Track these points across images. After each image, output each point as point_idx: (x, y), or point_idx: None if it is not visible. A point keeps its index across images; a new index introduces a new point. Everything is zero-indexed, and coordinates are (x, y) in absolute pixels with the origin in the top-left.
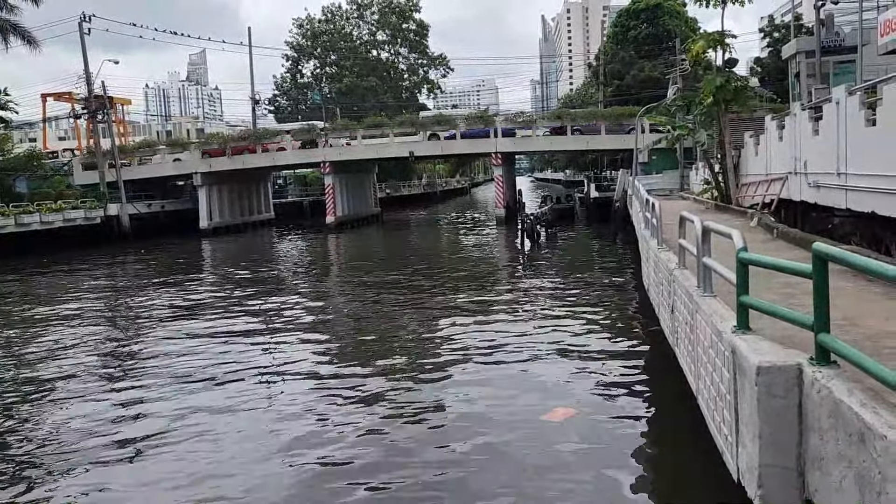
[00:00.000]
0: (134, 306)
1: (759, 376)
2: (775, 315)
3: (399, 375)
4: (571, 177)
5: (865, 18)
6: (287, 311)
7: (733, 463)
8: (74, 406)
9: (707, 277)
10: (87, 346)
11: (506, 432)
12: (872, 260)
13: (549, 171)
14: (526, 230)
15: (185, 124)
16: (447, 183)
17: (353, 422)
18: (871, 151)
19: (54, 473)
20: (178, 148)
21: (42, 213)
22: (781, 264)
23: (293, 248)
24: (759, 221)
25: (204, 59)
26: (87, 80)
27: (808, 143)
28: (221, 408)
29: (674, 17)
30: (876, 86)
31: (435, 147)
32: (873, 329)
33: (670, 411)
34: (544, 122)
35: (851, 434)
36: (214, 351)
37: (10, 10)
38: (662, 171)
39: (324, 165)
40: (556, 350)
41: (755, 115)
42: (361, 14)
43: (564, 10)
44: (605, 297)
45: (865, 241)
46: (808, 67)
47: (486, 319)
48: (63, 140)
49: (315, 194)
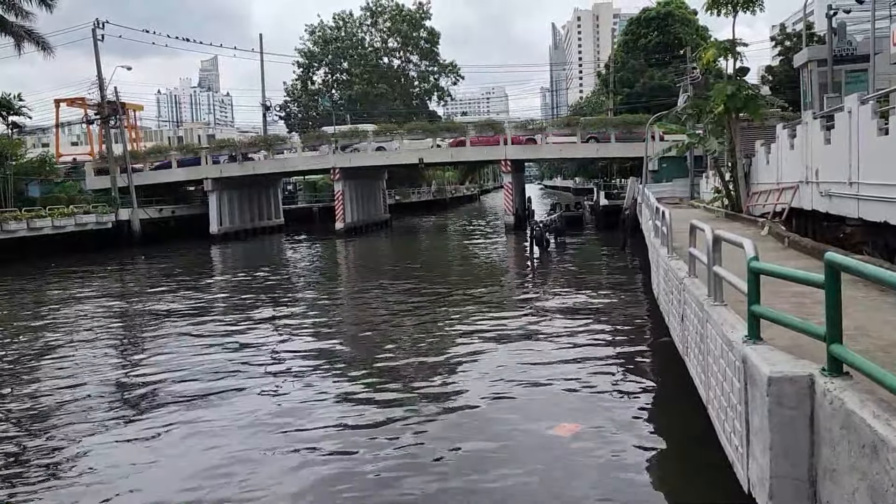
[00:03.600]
0: (142, 309)
1: (770, 386)
2: (787, 325)
3: (403, 385)
4: (581, 185)
5: (878, 27)
6: (294, 316)
7: (744, 474)
8: (75, 406)
9: (718, 286)
10: (92, 348)
11: (512, 447)
12: (885, 270)
13: (558, 179)
14: (535, 237)
15: (196, 130)
16: (456, 190)
17: (357, 427)
18: (884, 160)
19: (56, 468)
20: (189, 153)
21: (54, 218)
22: (793, 274)
23: (302, 255)
24: (770, 230)
25: (216, 65)
26: (99, 86)
27: (819, 152)
28: (225, 410)
29: (684, 25)
30: (888, 94)
31: (444, 154)
32: (886, 339)
33: (680, 422)
34: (554, 129)
35: (864, 445)
36: (221, 356)
37: (25, 15)
38: (672, 180)
39: (333, 172)
40: (565, 359)
41: (766, 123)
42: (374, 21)
43: (575, 18)
44: (614, 305)
45: (878, 251)
46: (819, 76)
47: (494, 328)
48: (76, 145)
49: (325, 200)
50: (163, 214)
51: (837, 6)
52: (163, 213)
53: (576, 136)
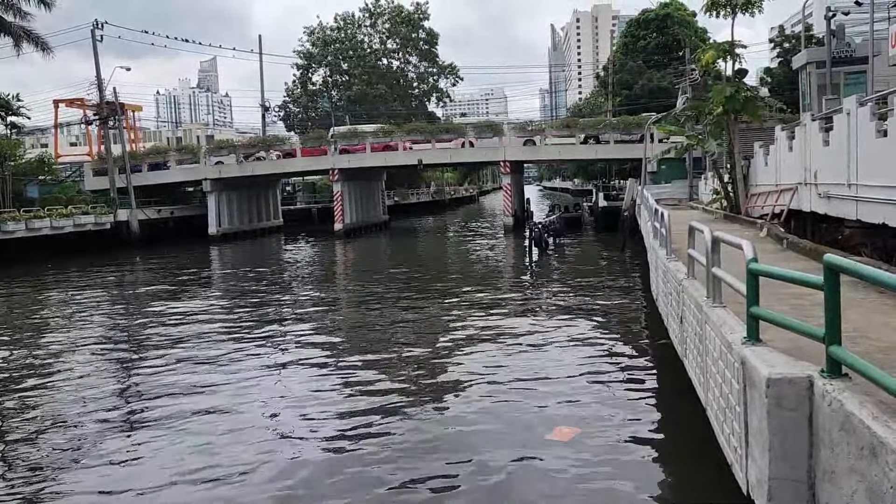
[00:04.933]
0: (140, 310)
1: (769, 388)
2: (786, 326)
3: (400, 387)
4: (580, 186)
5: (876, 29)
6: (292, 316)
7: (743, 476)
8: (76, 405)
9: (717, 288)
10: (89, 350)
11: (509, 452)
12: (884, 272)
13: (557, 180)
14: (534, 238)
15: (195, 131)
16: (455, 191)
17: (351, 427)
18: (882, 162)
19: (57, 469)
20: (187, 154)
21: (52, 219)
22: (792, 276)
23: (301, 255)
24: (768, 232)
25: (214, 66)
26: (98, 87)
27: (818, 154)
28: (226, 410)
29: (683, 26)
30: (887, 96)
31: (443, 155)
32: (885, 341)
33: (679, 423)
34: (553, 130)
35: (863, 447)
36: (220, 357)
37: (24, 16)
38: (671, 181)
39: (332, 173)
40: (563, 361)
41: (765, 125)
42: (373, 22)
43: (574, 20)
44: (613, 306)
45: (876, 253)
46: (818, 78)
47: (492, 329)
48: (74, 146)
49: (324, 201)
50: (162, 215)
51: (836, 8)
52: (161, 214)
53: (574, 137)
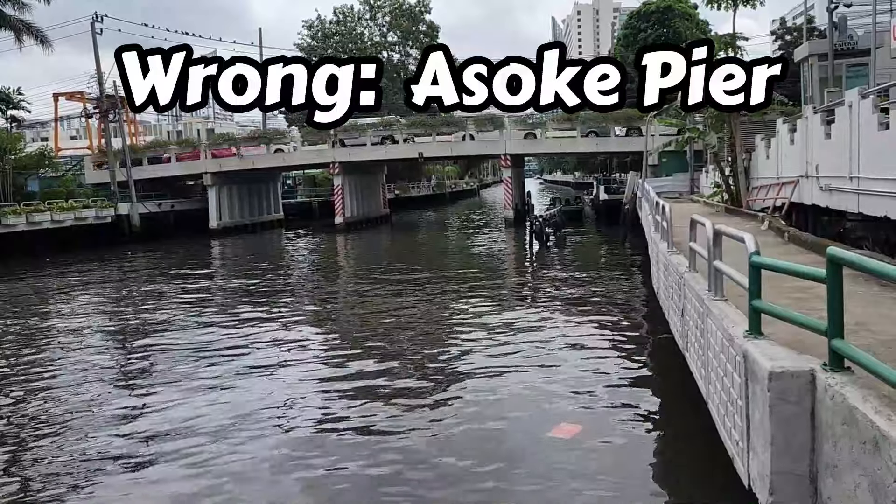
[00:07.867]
0: (141, 304)
1: (771, 382)
2: (788, 320)
3: (399, 381)
4: (581, 179)
5: (879, 21)
6: (293, 309)
7: (744, 469)
8: (75, 406)
9: (718, 281)
10: (90, 343)
11: (512, 449)
12: (888, 265)
13: (558, 174)
14: (535, 232)
15: (195, 124)
16: (456, 184)
17: (351, 424)
18: (884, 155)
19: (57, 474)
20: (187, 147)
21: (53, 212)
22: (795, 269)
23: (302, 249)
24: (770, 225)
25: None
26: (98, 80)
27: (819, 147)
28: (222, 402)
29: (685, 19)
30: (889, 89)
31: (444, 148)
32: (888, 334)
33: (680, 417)
34: (553, 123)
35: (865, 441)
36: (220, 351)
37: (22, 8)
38: (672, 174)
39: (333, 166)
40: (564, 356)
41: (766, 117)
42: (374, 16)
43: (574, 12)
44: (614, 299)
45: (878, 246)
46: (820, 70)
47: (493, 324)
48: (75, 139)
49: (324, 195)
50: (162, 209)
51: (838, 0)
52: (162, 208)
53: (575, 130)
